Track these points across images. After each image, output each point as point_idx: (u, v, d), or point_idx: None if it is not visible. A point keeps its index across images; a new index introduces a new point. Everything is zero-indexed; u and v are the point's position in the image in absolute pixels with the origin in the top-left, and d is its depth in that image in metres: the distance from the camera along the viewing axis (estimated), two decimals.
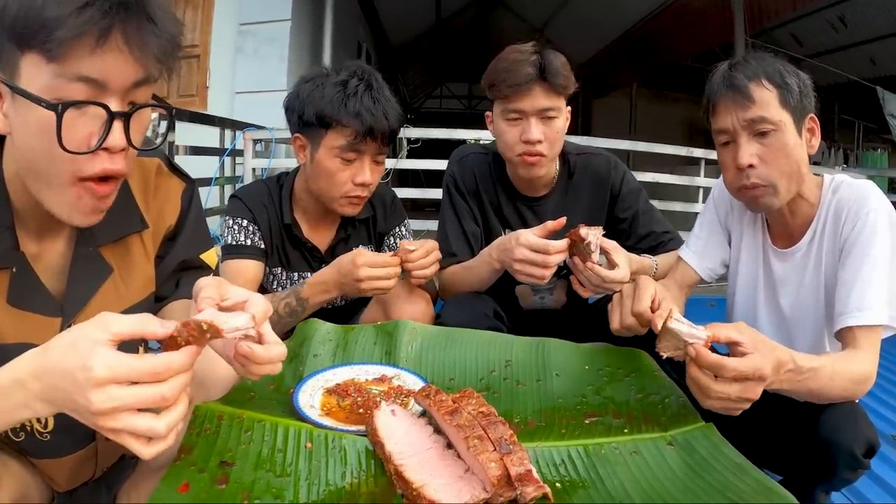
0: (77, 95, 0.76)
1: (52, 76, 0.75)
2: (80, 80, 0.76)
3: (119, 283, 0.99)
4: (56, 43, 0.73)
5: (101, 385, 0.64)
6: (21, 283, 0.89)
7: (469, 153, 1.89)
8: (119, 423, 0.65)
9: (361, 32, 9.40)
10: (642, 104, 13.32)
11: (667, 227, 1.83)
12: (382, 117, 1.56)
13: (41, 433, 0.97)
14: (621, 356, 1.30)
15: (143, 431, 0.66)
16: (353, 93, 1.56)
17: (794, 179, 1.30)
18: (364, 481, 0.89)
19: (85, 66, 0.76)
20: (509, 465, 0.82)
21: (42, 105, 0.75)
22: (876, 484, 1.72)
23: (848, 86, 8.26)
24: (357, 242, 1.81)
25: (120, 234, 1.00)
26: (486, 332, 1.39)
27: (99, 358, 0.64)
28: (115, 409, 0.65)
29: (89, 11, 0.73)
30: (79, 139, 0.78)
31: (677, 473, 0.93)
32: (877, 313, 1.21)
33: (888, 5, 7.70)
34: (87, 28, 0.73)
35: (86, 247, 0.96)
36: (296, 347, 1.28)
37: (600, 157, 1.87)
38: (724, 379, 0.98)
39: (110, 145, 0.80)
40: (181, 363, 0.68)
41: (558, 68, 1.60)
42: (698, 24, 8.48)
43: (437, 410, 0.95)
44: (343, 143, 1.57)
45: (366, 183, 1.61)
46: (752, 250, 1.49)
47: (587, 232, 1.38)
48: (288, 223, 1.72)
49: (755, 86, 1.27)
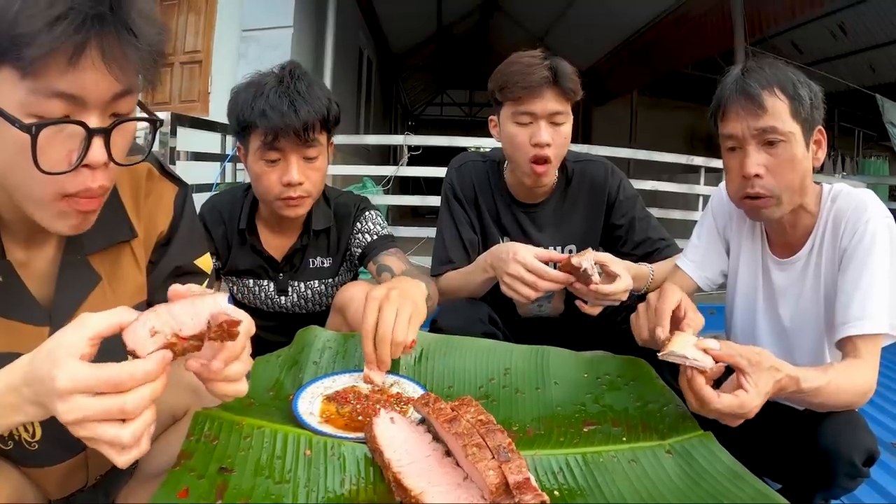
0: (55, 111, 0.73)
1: (27, 92, 0.71)
2: (57, 97, 0.72)
3: (108, 291, 0.97)
4: (28, 60, 0.69)
5: (65, 396, 0.64)
6: (8, 293, 0.87)
7: (467, 161, 1.90)
8: (87, 432, 0.66)
9: (363, 39, 9.44)
10: (642, 112, 13.35)
11: (663, 235, 1.84)
12: (291, 113, 1.50)
13: (29, 442, 0.96)
14: (620, 364, 1.30)
15: (109, 440, 0.66)
16: (261, 93, 1.53)
17: (797, 191, 1.30)
18: (363, 488, 0.89)
19: (61, 83, 0.72)
20: (507, 472, 0.82)
21: (16, 126, 0.71)
22: (876, 492, 1.71)
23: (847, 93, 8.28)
24: (315, 252, 1.77)
25: (108, 242, 0.97)
26: (485, 340, 1.39)
27: (64, 369, 0.64)
28: (82, 420, 0.65)
29: (61, 26, 0.69)
30: (57, 158, 0.75)
31: (675, 482, 0.93)
32: (878, 322, 1.22)
33: (887, 13, 7.73)
34: (59, 44, 0.69)
35: (74, 255, 0.93)
36: (295, 354, 1.29)
37: (597, 163, 1.88)
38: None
39: (91, 162, 0.77)
40: (144, 372, 0.67)
41: (569, 74, 1.63)
42: (698, 32, 8.52)
43: (435, 418, 0.95)
44: (259, 144, 1.55)
45: (292, 182, 1.56)
46: (751, 260, 1.48)
47: (579, 261, 1.37)
48: (243, 228, 1.71)
49: (768, 94, 1.26)
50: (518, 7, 10.20)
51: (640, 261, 1.77)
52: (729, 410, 1.01)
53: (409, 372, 1.26)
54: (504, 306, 1.81)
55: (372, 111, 10.49)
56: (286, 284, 1.76)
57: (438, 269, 1.81)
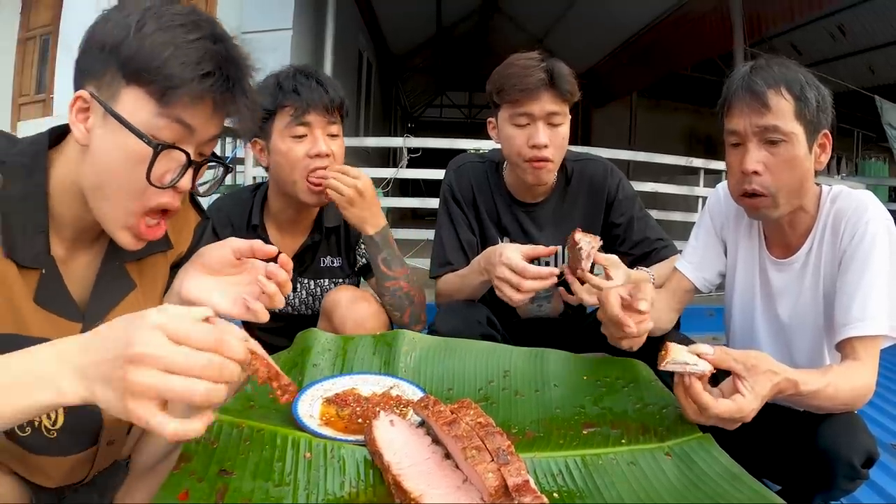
0: (167, 135, 0.87)
1: (153, 114, 0.86)
2: (178, 122, 0.87)
3: (141, 297, 1.04)
4: (170, 94, 0.85)
5: (149, 336, 0.63)
6: (48, 285, 0.93)
7: (466, 162, 1.91)
8: (153, 379, 0.63)
9: (362, 41, 9.44)
10: (642, 114, 13.35)
11: (661, 235, 1.84)
12: (318, 87, 1.62)
13: (48, 429, 0.98)
14: (620, 367, 1.30)
15: (180, 391, 0.63)
16: (285, 76, 1.65)
17: (795, 192, 1.30)
18: (363, 491, 0.89)
19: (186, 115, 0.87)
20: (506, 475, 0.82)
21: (143, 140, 0.85)
22: (876, 493, 1.71)
23: (847, 94, 8.26)
24: (326, 251, 1.80)
25: (146, 252, 1.04)
26: (484, 343, 1.39)
27: (155, 313, 0.65)
28: (161, 363, 0.63)
29: (210, 81, 0.86)
30: (156, 175, 0.88)
31: (674, 484, 0.93)
32: (878, 323, 1.22)
33: (887, 14, 7.74)
34: (206, 94, 0.87)
35: (112, 261, 1.01)
36: (295, 357, 1.29)
37: (597, 162, 1.89)
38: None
39: (180, 186, 0.91)
40: (236, 343, 0.68)
41: (566, 75, 1.64)
42: (697, 33, 8.52)
43: (435, 421, 0.95)
44: (288, 119, 1.61)
45: (321, 152, 1.62)
46: (749, 261, 1.49)
47: (580, 238, 1.38)
48: (256, 224, 1.74)
49: (773, 93, 1.26)
50: (518, 9, 10.21)
51: (637, 260, 1.78)
52: (727, 415, 1.01)
53: (409, 374, 1.26)
54: (504, 307, 1.81)
55: (371, 113, 10.49)
56: (295, 281, 1.78)
57: (437, 271, 1.81)
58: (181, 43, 0.85)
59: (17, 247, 0.88)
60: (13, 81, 7.65)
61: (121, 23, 0.86)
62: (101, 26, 0.88)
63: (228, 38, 0.92)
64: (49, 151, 0.93)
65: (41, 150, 0.92)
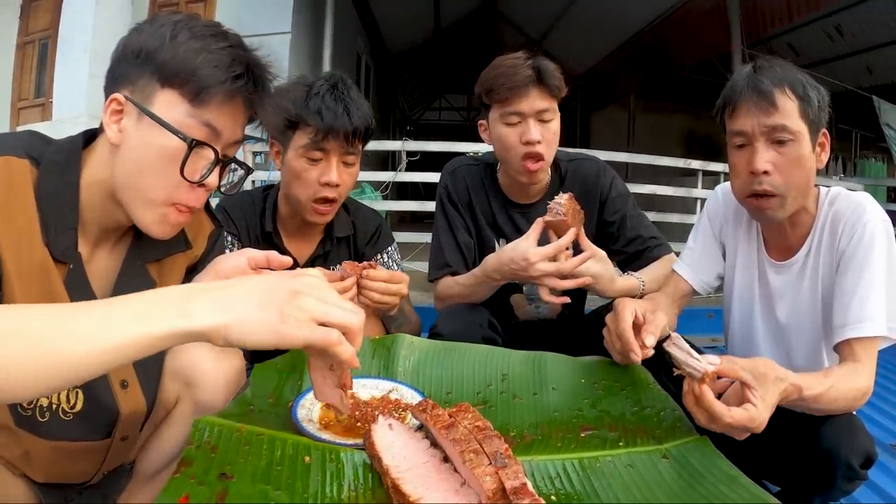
0: (196, 135, 0.95)
1: (185, 114, 0.94)
2: (206, 126, 0.95)
3: None
4: (207, 95, 0.94)
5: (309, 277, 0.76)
6: (74, 279, 0.99)
7: (461, 165, 1.92)
8: (317, 305, 0.73)
9: (361, 45, 9.45)
10: (640, 116, 13.33)
11: (655, 233, 1.85)
12: (343, 115, 1.57)
13: (66, 412, 1.03)
14: (617, 369, 1.30)
15: (338, 315, 0.75)
16: (315, 92, 1.59)
17: (802, 192, 1.31)
18: (362, 494, 0.90)
19: (214, 117, 0.96)
20: (504, 478, 0.82)
21: (178, 136, 0.93)
22: (875, 493, 1.72)
23: (845, 95, 8.27)
24: (337, 260, 1.78)
25: (165, 253, 1.12)
26: (482, 346, 1.39)
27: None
28: (320, 291, 0.75)
29: (241, 82, 0.96)
30: (189, 170, 0.95)
31: (671, 486, 0.93)
32: (877, 325, 1.22)
33: (884, 15, 7.75)
34: (237, 94, 0.96)
35: (134, 261, 1.08)
36: (295, 361, 1.29)
37: (590, 161, 1.90)
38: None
39: (207, 183, 0.98)
40: None
41: (552, 71, 1.66)
42: (695, 34, 8.53)
43: (433, 425, 0.95)
44: (307, 141, 1.58)
45: (331, 182, 1.60)
46: (748, 263, 1.49)
47: (555, 202, 1.46)
48: (269, 231, 1.74)
49: (780, 93, 1.26)
50: (516, 11, 10.23)
51: (631, 259, 1.80)
52: (740, 425, 1.00)
53: (408, 378, 1.27)
54: (501, 310, 1.82)
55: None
56: None
57: (435, 273, 1.82)
58: (213, 49, 0.95)
59: (52, 240, 0.95)
60: (12, 86, 7.65)
61: (155, 33, 0.95)
62: (135, 37, 0.96)
63: (251, 48, 1.03)
64: (82, 151, 0.99)
65: (76, 149, 0.99)
